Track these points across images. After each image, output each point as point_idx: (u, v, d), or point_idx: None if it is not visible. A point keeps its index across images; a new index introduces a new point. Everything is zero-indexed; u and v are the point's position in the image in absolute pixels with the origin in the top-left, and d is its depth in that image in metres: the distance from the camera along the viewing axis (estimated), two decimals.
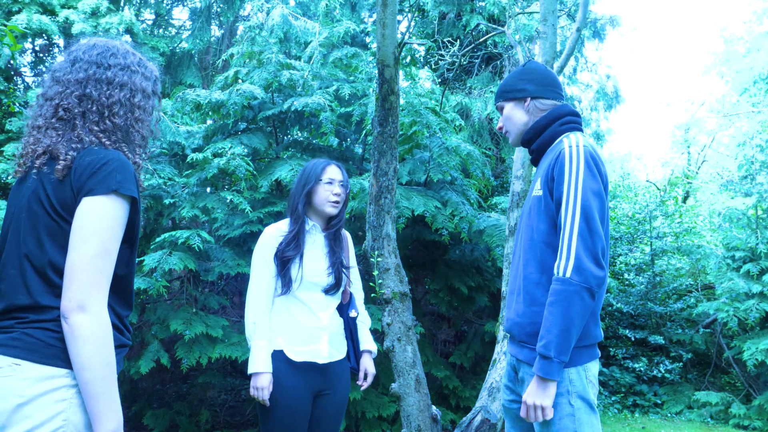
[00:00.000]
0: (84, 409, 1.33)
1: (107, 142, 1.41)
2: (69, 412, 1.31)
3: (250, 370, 2.33)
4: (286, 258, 2.38)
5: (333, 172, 2.50)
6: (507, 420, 2.07)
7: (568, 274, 1.70)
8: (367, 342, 2.62)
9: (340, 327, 2.51)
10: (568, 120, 1.97)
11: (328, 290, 2.44)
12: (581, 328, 1.74)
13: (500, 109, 2.11)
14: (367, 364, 2.59)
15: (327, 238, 2.51)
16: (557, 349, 1.70)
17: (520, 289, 1.92)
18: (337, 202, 2.47)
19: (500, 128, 2.13)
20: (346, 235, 2.64)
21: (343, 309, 2.55)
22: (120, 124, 1.46)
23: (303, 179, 2.50)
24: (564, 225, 1.75)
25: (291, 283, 2.37)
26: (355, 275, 2.65)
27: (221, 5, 7.72)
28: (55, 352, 1.32)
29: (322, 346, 2.39)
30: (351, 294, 2.58)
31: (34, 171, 1.39)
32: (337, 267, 2.47)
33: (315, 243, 2.48)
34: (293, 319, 2.38)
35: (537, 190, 1.92)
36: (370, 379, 2.61)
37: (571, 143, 1.84)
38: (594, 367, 1.86)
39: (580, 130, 1.98)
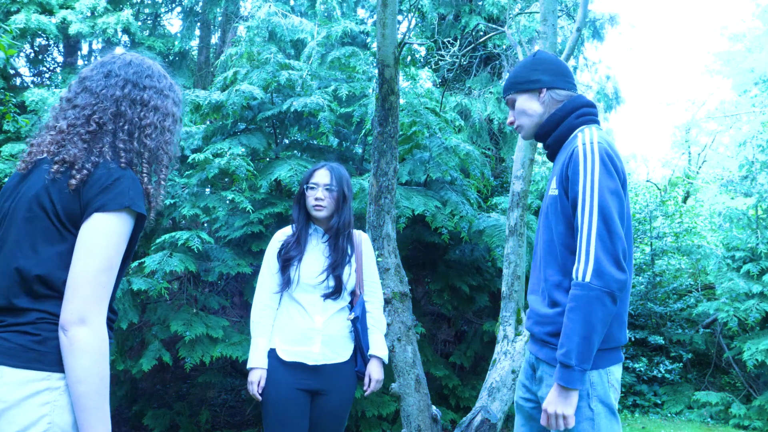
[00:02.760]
0: (68, 411, 1.32)
1: (123, 162, 1.43)
2: (53, 415, 1.30)
3: (247, 366, 2.45)
4: (286, 258, 2.45)
5: (318, 176, 2.50)
6: (518, 417, 2.00)
7: (587, 279, 1.63)
8: (375, 347, 2.55)
9: (343, 330, 2.47)
10: (585, 112, 1.87)
11: (328, 295, 2.43)
12: (603, 333, 1.66)
13: (511, 103, 1.98)
14: (372, 370, 2.53)
15: (327, 242, 2.51)
16: (579, 358, 1.63)
17: (543, 290, 1.86)
18: (318, 206, 2.46)
19: (511, 123, 2.00)
20: (361, 238, 2.61)
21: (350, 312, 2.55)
22: (151, 146, 1.49)
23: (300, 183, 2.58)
24: (581, 227, 1.68)
25: (290, 283, 2.43)
26: (370, 278, 2.60)
27: (206, 4, 7.70)
28: (34, 355, 1.31)
29: (314, 348, 2.38)
30: (360, 296, 2.54)
31: (48, 176, 1.39)
32: (337, 272, 2.44)
33: (317, 246, 2.51)
34: (289, 319, 2.43)
35: (553, 189, 1.84)
36: (374, 386, 2.55)
37: (584, 140, 1.75)
38: (617, 371, 1.79)
39: (597, 122, 1.89)
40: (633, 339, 7.92)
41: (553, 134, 1.89)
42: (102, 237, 1.33)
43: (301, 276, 2.42)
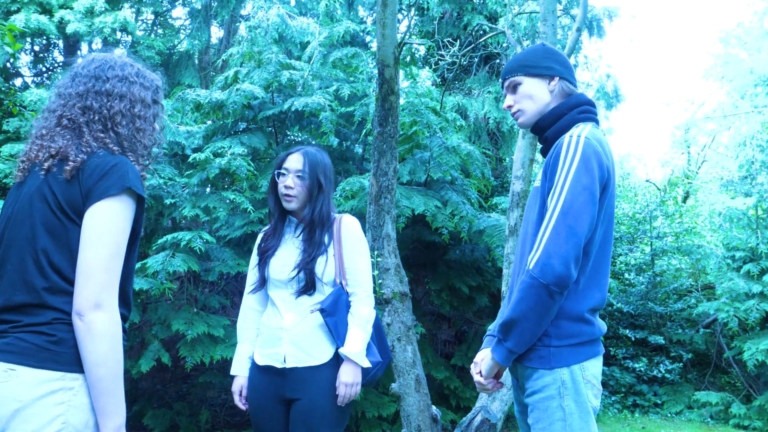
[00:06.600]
0: (82, 411, 1.34)
1: (115, 149, 1.47)
2: (67, 415, 1.32)
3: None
4: (264, 250, 2.28)
5: (290, 161, 2.24)
6: (522, 430, 1.94)
7: (530, 267, 1.62)
8: (347, 344, 2.15)
9: (316, 329, 2.17)
10: (586, 109, 1.81)
11: (301, 292, 2.19)
12: (540, 324, 1.64)
13: (512, 86, 1.87)
14: (341, 372, 2.14)
15: (301, 235, 2.26)
16: (499, 330, 1.68)
17: (515, 285, 1.81)
18: (288, 196, 2.20)
19: (509, 107, 1.89)
20: (341, 222, 2.29)
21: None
22: (124, 134, 1.51)
23: None
24: (545, 217, 1.65)
25: (265, 281, 2.27)
26: (353, 264, 2.26)
27: (218, 5, 7.73)
28: (49, 355, 1.33)
29: (281, 349, 2.17)
30: (338, 286, 2.23)
31: (42, 172, 1.42)
32: (309, 266, 2.18)
33: (291, 240, 2.28)
34: (266, 319, 2.27)
35: (537, 180, 1.80)
36: (344, 391, 2.13)
37: (572, 133, 1.70)
38: (593, 365, 1.71)
39: (596, 121, 1.83)
40: (633, 339, 7.92)
41: (552, 127, 1.81)
42: (109, 223, 1.37)
43: (271, 272, 2.23)
